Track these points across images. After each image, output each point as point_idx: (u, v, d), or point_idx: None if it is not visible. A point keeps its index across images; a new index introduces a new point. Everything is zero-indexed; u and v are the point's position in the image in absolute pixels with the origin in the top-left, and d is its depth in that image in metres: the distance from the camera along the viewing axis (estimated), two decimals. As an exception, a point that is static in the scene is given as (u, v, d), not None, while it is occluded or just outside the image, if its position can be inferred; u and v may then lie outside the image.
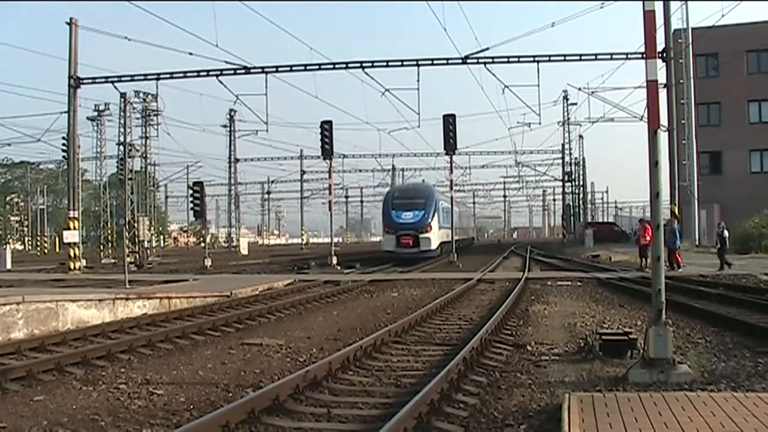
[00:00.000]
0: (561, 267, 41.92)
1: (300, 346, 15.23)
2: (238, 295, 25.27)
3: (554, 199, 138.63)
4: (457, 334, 16.47)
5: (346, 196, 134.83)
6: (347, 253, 64.18)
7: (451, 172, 51.39)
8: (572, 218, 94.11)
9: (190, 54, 39.56)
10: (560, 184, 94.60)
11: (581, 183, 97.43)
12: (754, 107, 61.26)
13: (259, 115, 40.80)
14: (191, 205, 46.62)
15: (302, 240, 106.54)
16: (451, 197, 53.37)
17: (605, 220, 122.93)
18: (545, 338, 15.53)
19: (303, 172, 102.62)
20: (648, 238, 32.80)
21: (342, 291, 28.11)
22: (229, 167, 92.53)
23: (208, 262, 46.65)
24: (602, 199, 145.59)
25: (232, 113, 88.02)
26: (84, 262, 44.54)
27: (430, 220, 47.60)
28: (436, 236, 50.66)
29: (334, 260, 46.29)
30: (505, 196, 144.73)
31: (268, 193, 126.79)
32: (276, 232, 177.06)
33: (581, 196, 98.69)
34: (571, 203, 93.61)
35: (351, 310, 22.43)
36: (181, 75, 41.50)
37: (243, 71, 40.36)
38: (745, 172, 59.93)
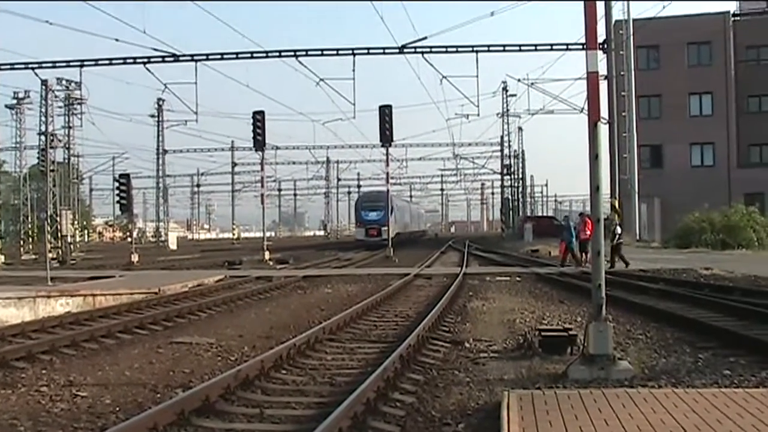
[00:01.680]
0: (499, 262, 42.23)
1: (231, 345, 15.14)
2: (166, 292, 25.04)
3: (493, 193, 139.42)
4: (394, 331, 16.52)
5: (279, 189, 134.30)
6: (280, 248, 63.97)
7: (387, 164, 51.74)
8: (511, 212, 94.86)
9: (116, 40, 38.77)
10: (499, 177, 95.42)
11: (520, 176, 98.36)
12: (695, 100, 62.23)
13: (189, 105, 40.43)
14: (117, 198, 46.08)
15: (233, 234, 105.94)
16: (387, 190, 53.85)
17: (545, 214, 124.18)
18: (484, 335, 15.62)
19: (234, 164, 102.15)
20: (588, 233, 33.30)
21: (274, 287, 28.02)
22: (157, 159, 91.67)
23: (135, 258, 46.09)
24: (542, 192, 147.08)
25: (161, 103, 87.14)
26: (2, 258, 43.73)
27: (388, 217, 59.64)
28: (393, 228, 64.09)
29: (267, 255, 46.13)
30: (442, 190, 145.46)
31: (198, 185, 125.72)
32: (206, 226, 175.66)
33: (520, 189, 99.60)
34: (510, 197, 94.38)
35: (284, 306, 22.36)
36: (107, 62, 40.87)
37: (171, 59, 39.90)
38: (685, 166, 60.85)
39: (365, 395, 9.45)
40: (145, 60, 39.95)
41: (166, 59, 39.89)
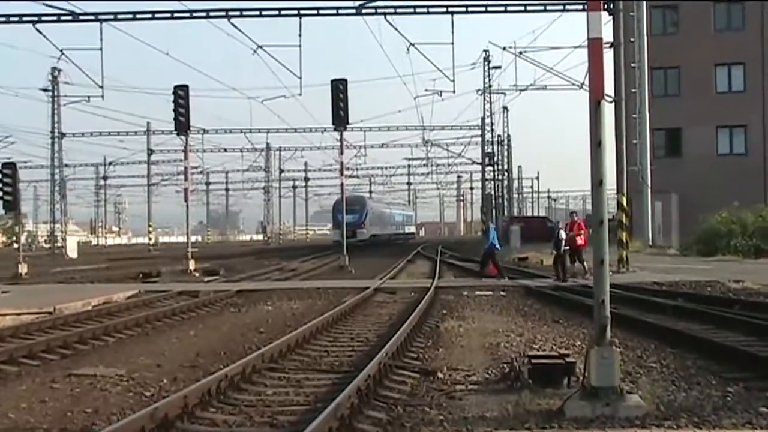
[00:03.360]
0: (480, 273, 42.31)
1: (146, 377, 15.07)
2: (64, 312, 24.91)
3: (472, 188, 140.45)
4: (349, 358, 16.54)
5: (207, 183, 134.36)
6: (209, 256, 63.84)
7: (341, 152, 51.56)
8: (494, 211, 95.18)
9: (-2, -6, 38.51)
10: (479, 168, 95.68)
11: (506, 167, 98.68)
12: (722, 73, 62.42)
13: (92, 77, 40.09)
14: (0, 193, 45.69)
15: (150, 239, 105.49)
16: (341, 184, 53.77)
17: (536, 213, 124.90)
18: (460, 363, 15.67)
19: (151, 152, 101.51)
20: (581, 240, 33.46)
21: (201, 304, 27.94)
22: (52, 144, 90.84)
23: (23, 269, 45.72)
24: (532, 187, 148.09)
25: (56, 74, 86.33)
26: None
27: (363, 220, 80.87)
28: (367, 230, 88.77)
29: (192, 265, 45.95)
30: (409, 183, 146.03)
31: (105, 178, 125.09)
32: (115, 229, 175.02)
33: (506, 183, 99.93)
34: (492, 192, 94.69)
35: (213, 328, 22.34)
36: (-14, 22, 40.51)
37: (70, 18, 39.60)
38: (710, 154, 61.05)
39: (314, 438, 9.45)
40: (35, 19, 39.59)
41: (63, 18, 39.57)
